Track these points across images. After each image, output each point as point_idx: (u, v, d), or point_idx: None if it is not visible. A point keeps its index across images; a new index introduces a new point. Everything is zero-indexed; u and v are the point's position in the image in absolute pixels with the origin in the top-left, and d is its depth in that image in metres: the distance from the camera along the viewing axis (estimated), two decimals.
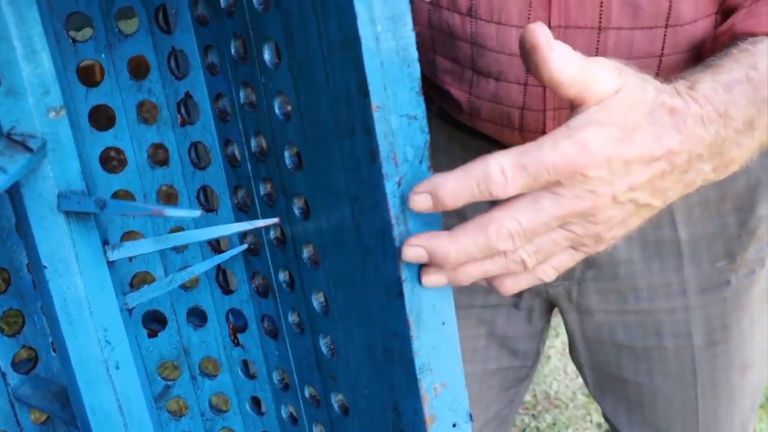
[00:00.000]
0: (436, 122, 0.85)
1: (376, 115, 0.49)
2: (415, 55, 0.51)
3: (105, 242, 0.58)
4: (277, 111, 0.59)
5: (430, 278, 0.51)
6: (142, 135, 0.70)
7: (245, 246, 0.68)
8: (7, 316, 0.73)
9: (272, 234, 0.66)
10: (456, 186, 0.48)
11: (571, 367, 2.10)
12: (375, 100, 0.49)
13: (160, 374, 0.77)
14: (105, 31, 0.68)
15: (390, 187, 0.51)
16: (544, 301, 0.95)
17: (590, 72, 0.49)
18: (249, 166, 0.65)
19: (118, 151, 0.70)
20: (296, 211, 0.61)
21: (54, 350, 0.73)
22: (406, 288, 0.53)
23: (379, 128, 0.50)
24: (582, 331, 0.94)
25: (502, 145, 0.77)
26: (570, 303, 0.91)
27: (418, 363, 0.54)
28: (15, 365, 0.73)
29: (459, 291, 0.91)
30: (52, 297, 0.57)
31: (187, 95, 0.68)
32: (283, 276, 0.67)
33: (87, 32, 0.70)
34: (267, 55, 0.58)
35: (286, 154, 0.60)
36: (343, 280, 0.60)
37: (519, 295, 0.91)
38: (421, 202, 0.48)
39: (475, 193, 0.48)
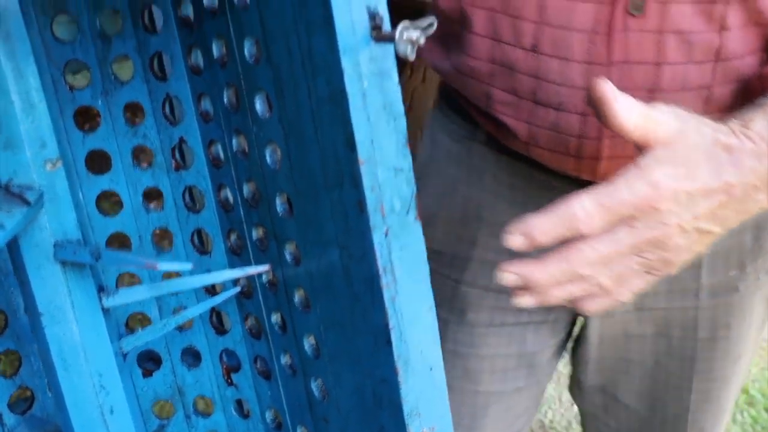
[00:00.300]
0: (483, 149, 0.88)
1: (363, 168, 0.51)
2: (402, 109, 0.52)
3: (100, 288, 0.60)
4: (268, 159, 0.61)
5: (523, 299, 0.60)
6: (138, 179, 0.71)
7: (238, 289, 0.69)
8: (4, 357, 0.74)
9: (264, 278, 0.67)
10: (547, 226, 0.56)
11: (566, 396, 2.10)
12: (362, 154, 0.51)
13: (155, 413, 0.78)
14: (101, 78, 0.69)
15: (377, 238, 0.52)
16: (570, 313, 0.98)
17: (652, 118, 0.56)
18: (242, 211, 0.67)
19: None
20: (287, 257, 0.63)
21: (50, 390, 0.74)
22: (394, 335, 0.54)
23: (366, 181, 0.51)
24: (600, 330, 0.97)
25: (550, 171, 0.81)
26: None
27: (406, 408, 0.55)
28: (11, 405, 0.74)
29: (492, 311, 0.95)
30: (48, 343, 0.58)
31: (182, 141, 0.69)
32: (275, 318, 0.68)
33: (85, 74, 0.72)
34: (258, 106, 0.60)
35: (278, 201, 0.61)
36: (333, 324, 0.61)
37: (549, 309, 0.94)
38: (516, 241, 0.57)
39: (564, 231, 0.56)
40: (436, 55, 0.88)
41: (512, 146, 0.84)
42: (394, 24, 0.51)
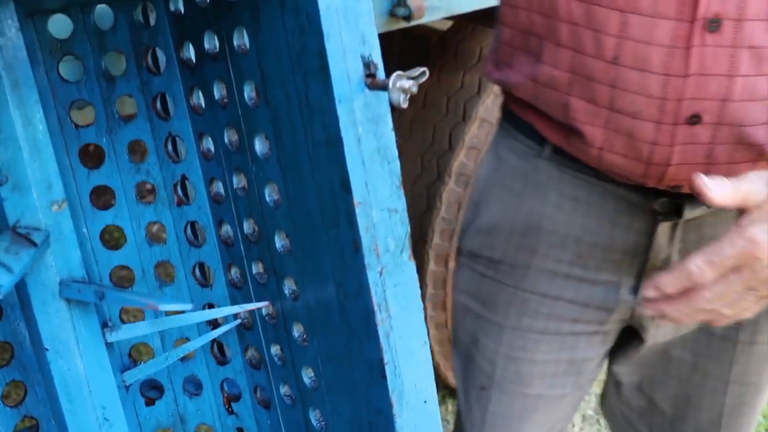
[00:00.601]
0: (548, 165, 0.92)
1: (358, 210, 0.53)
2: (395, 152, 0.54)
3: (104, 324, 0.61)
4: (267, 198, 0.62)
5: (663, 323, 0.79)
6: (141, 214, 0.73)
7: (238, 322, 0.71)
8: (10, 387, 0.75)
9: (264, 311, 0.69)
10: (672, 281, 0.72)
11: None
12: (357, 197, 0.52)
13: None
14: (106, 116, 0.72)
15: (372, 277, 0.54)
16: (623, 323, 1.01)
17: (743, 190, 0.69)
18: (242, 246, 0.69)
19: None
20: (286, 292, 0.65)
21: (54, 420, 0.76)
22: (389, 369, 0.56)
23: (361, 222, 0.53)
24: (655, 336, 1.01)
25: (613, 181, 0.86)
26: (652, 319, 0.98)
27: None
28: None
29: (548, 318, 0.98)
30: (53, 377, 0.60)
31: (184, 177, 0.71)
32: (274, 350, 0.70)
33: (89, 110, 0.74)
34: (258, 146, 0.62)
35: (277, 238, 0.63)
36: (331, 357, 0.63)
37: (603, 321, 0.99)
38: (651, 293, 0.73)
39: (685, 283, 0.71)
40: (503, 70, 0.92)
41: (582, 156, 0.88)
42: (388, 72, 0.53)
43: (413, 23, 1.18)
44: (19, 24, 0.61)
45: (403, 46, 1.64)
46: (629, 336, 1.03)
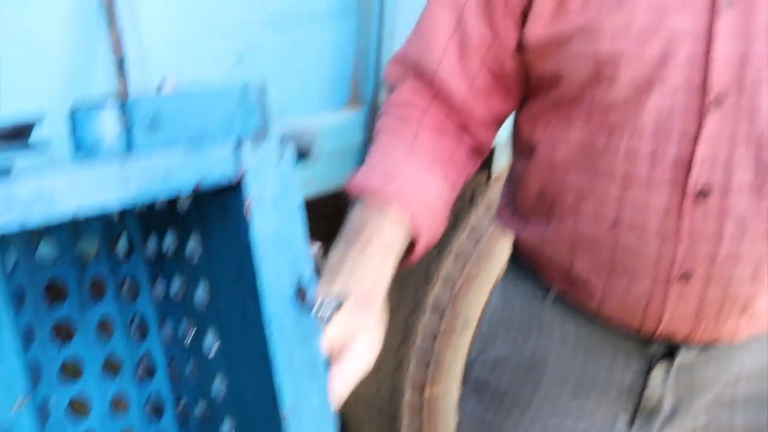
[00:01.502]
0: (551, 307, 0.99)
1: (285, 421, 0.58)
2: (325, 364, 0.60)
3: None
4: (215, 387, 0.68)
5: None
6: (107, 386, 0.78)
7: None
8: None
9: None
10: None
11: None
12: (285, 408, 0.58)
13: None
14: (79, 295, 0.77)
15: None
16: None
17: None
18: (196, 425, 0.73)
19: None
20: None
21: None
22: None
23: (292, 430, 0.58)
24: None
25: (609, 323, 0.93)
26: None
27: None
28: None
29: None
30: None
31: (147, 355, 0.77)
32: None
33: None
34: (207, 342, 0.67)
35: (224, 426, 0.68)
36: None
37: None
38: None
39: None
40: (518, 223, 1.00)
41: (583, 305, 0.95)
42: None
43: None
44: None
45: None
46: None
